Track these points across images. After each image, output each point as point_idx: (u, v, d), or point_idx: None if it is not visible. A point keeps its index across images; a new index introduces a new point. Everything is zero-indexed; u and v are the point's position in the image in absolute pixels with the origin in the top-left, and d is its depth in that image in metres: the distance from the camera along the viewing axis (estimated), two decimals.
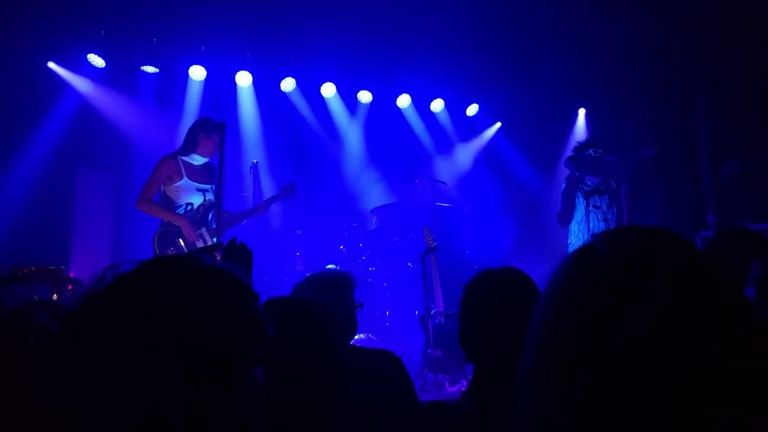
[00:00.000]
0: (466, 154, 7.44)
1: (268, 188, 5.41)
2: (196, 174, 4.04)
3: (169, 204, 3.98)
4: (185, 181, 3.96)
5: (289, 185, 4.39)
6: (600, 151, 4.68)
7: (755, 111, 5.24)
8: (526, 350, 0.62)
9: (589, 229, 4.54)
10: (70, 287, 3.75)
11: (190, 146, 4.03)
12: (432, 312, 4.44)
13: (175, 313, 0.70)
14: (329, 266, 5.28)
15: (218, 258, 3.09)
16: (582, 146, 4.75)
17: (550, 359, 0.58)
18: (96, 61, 5.69)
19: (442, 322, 4.43)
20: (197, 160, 4.07)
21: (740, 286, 0.58)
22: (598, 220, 4.59)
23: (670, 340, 0.52)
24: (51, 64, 5.62)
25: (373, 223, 6.07)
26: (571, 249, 4.65)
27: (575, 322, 0.57)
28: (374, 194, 6.59)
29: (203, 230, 3.99)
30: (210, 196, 4.09)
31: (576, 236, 4.68)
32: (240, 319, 0.75)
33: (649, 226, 0.63)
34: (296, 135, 6.67)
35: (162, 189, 3.99)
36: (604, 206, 4.62)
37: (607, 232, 0.64)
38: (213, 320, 0.71)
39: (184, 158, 4.02)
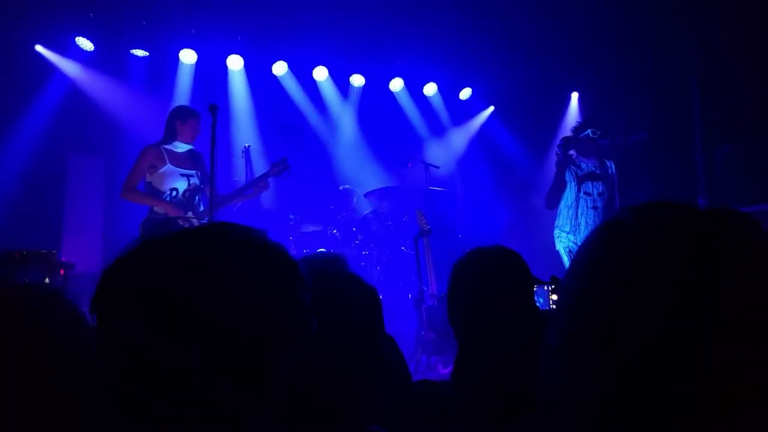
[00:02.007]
0: (459, 138, 7.44)
1: (260, 173, 5.38)
2: (180, 160, 4.05)
3: (154, 192, 3.99)
4: (168, 166, 3.97)
5: (280, 161, 4.29)
6: (599, 132, 4.68)
7: (747, 93, 5.24)
8: (557, 319, 0.63)
9: (577, 215, 4.54)
10: (62, 271, 3.73)
11: (169, 135, 4.06)
12: (425, 295, 4.46)
13: (226, 288, 0.67)
14: (320, 250, 5.28)
15: None
16: (581, 126, 4.73)
17: (584, 328, 0.59)
18: (84, 44, 5.62)
19: (435, 304, 4.45)
20: (180, 147, 4.07)
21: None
22: (587, 206, 4.58)
23: (696, 304, 0.53)
24: (38, 48, 5.55)
25: (364, 206, 6.07)
26: (556, 233, 4.71)
27: (606, 290, 0.57)
28: (367, 178, 6.58)
29: (189, 214, 3.98)
30: (195, 181, 4.07)
31: (563, 220, 4.66)
32: (290, 309, 0.72)
33: (669, 201, 0.64)
34: (288, 119, 6.63)
35: (147, 179, 4.01)
36: (596, 193, 4.60)
37: (631, 206, 0.65)
38: (265, 302, 0.69)
39: (166, 146, 4.04)
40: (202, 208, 4.08)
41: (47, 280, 3.48)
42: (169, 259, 0.68)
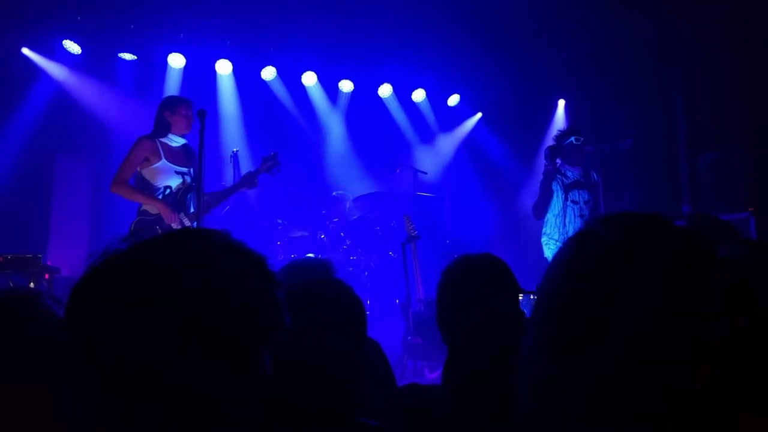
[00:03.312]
0: (447, 144, 7.48)
1: None
2: (175, 156, 3.88)
3: (146, 187, 3.80)
4: (163, 162, 3.80)
5: (270, 156, 4.14)
6: (582, 139, 4.69)
7: (730, 104, 5.33)
8: (530, 330, 0.65)
9: (564, 223, 4.57)
10: (47, 276, 3.70)
11: (162, 128, 3.87)
12: (412, 300, 4.48)
13: (198, 289, 0.67)
14: (309, 255, 5.28)
15: None
16: (564, 134, 4.73)
17: (555, 340, 0.61)
18: (72, 47, 5.60)
19: (422, 309, 4.47)
20: (175, 141, 3.91)
21: (724, 261, 0.61)
22: (575, 215, 4.61)
23: (669, 313, 0.55)
24: (25, 50, 5.52)
25: (352, 211, 6.08)
26: (544, 240, 4.75)
27: (578, 301, 0.59)
28: (355, 183, 6.60)
29: (182, 215, 3.82)
30: (188, 179, 3.92)
31: (551, 227, 4.69)
32: (262, 306, 0.72)
33: (641, 212, 0.66)
34: (277, 124, 6.64)
35: (138, 171, 3.82)
36: (582, 201, 4.63)
37: (604, 217, 0.67)
38: (236, 301, 0.69)
39: (161, 140, 3.86)
40: (192, 209, 3.89)
41: (32, 285, 3.46)
42: (142, 264, 0.68)
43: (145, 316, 0.65)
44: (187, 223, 3.80)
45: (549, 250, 4.74)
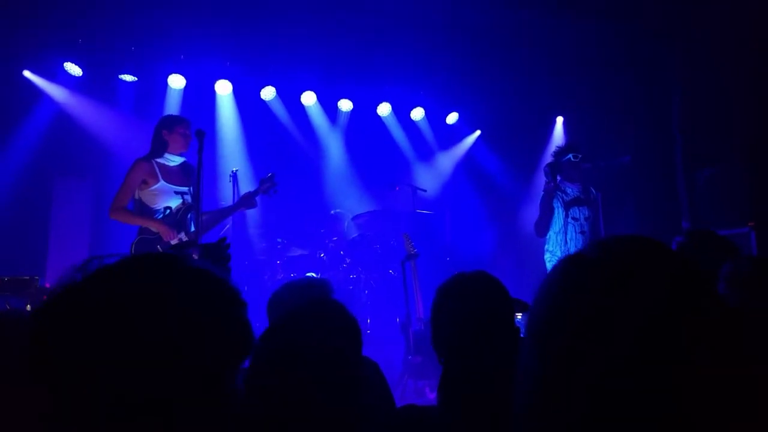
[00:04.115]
0: (446, 161, 7.50)
1: None
2: (173, 176, 3.84)
3: (145, 210, 3.76)
4: (162, 184, 3.76)
5: (268, 178, 4.15)
6: (580, 156, 4.70)
7: (728, 119, 5.35)
8: (522, 352, 0.66)
9: (566, 240, 4.56)
10: (45, 297, 3.68)
11: (159, 148, 3.83)
12: (412, 318, 4.45)
13: (159, 315, 0.66)
14: (309, 274, 5.27)
15: (194, 256, 3.04)
16: (562, 151, 4.75)
17: (545, 361, 0.61)
18: (73, 69, 5.64)
19: (422, 328, 4.44)
20: (172, 160, 3.86)
21: (714, 286, 0.62)
22: (576, 232, 4.62)
23: (657, 335, 0.55)
24: (26, 73, 5.56)
25: (351, 230, 6.08)
26: (547, 257, 4.74)
27: (567, 323, 0.60)
28: (355, 202, 6.61)
29: (182, 234, 3.78)
30: (188, 198, 3.87)
31: (553, 244, 4.69)
32: (227, 328, 0.71)
33: (633, 235, 0.67)
34: (277, 144, 6.67)
35: (137, 196, 3.78)
36: (582, 218, 4.64)
37: (594, 241, 0.68)
38: (199, 325, 0.68)
39: (158, 160, 3.82)
40: (192, 229, 3.82)
41: (29, 307, 3.43)
42: (112, 288, 0.68)
43: (110, 341, 0.64)
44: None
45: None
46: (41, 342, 0.66)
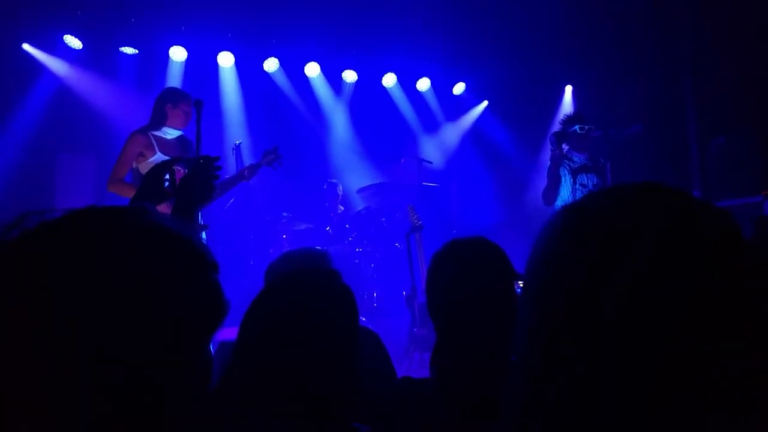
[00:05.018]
0: (452, 133, 7.40)
1: None
2: (170, 149, 3.76)
3: None
4: (159, 156, 3.67)
5: (272, 150, 4.06)
6: (586, 127, 4.60)
7: (740, 86, 5.22)
8: (520, 310, 0.61)
9: None
10: None
11: (158, 120, 3.75)
12: (417, 291, 4.43)
13: (118, 274, 0.59)
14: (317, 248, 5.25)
15: (182, 171, 2.99)
16: (569, 120, 4.66)
17: (543, 317, 0.57)
18: (73, 42, 5.57)
19: None
20: (169, 133, 3.79)
21: (738, 229, 0.56)
22: None
23: (663, 283, 0.51)
24: (26, 46, 5.50)
25: (358, 203, 6.04)
26: None
27: (566, 275, 0.56)
28: (360, 174, 6.55)
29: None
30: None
31: None
32: (191, 290, 0.65)
33: (636, 182, 0.61)
34: (280, 116, 6.60)
35: (135, 166, 3.72)
36: (591, 185, 4.58)
37: (594, 193, 0.63)
38: (166, 285, 0.62)
39: (155, 133, 3.74)
40: None
41: None
42: (56, 241, 0.61)
43: (64, 302, 0.57)
44: None
45: None
46: None
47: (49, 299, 0.57)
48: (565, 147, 4.62)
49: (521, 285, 1.64)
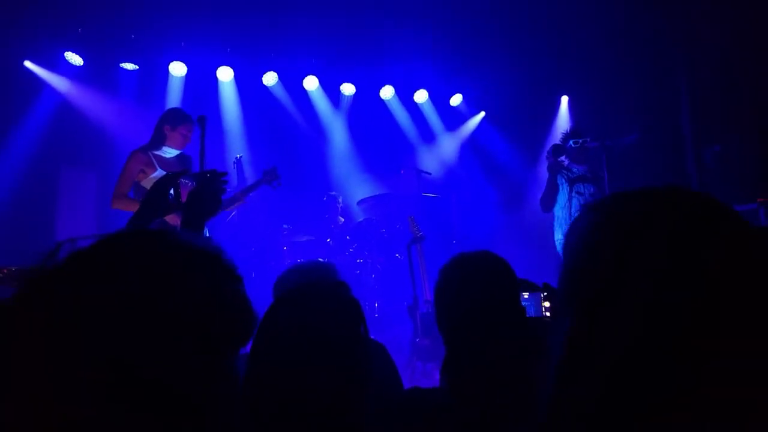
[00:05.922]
0: (450, 144, 7.45)
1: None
2: (170, 166, 3.83)
3: None
4: (159, 172, 3.76)
5: (271, 169, 4.18)
6: (580, 140, 4.71)
7: (735, 94, 5.28)
8: (559, 301, 0.66)
9: (571, 214, 4.57)
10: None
11: (157, 140, 3.84)
12: (419, 301, 4.45)
13: (148, 296, 0.61)
14: (319, 260, 5.27)
15: (189, 185, 3.00)
16: (565, 137, 4.80)
17: (575, 306, 0.61)
18: (73, 59, 5.62)
19: (430, 311, 4.44)
20: (168, 152, 3.87)
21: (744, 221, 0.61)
22: (581, 205, 4.61)
23: (677, 274, 0.55)
24: (27, 63, 5.54)
25: (359, 214, 6.07)
26: (556, 235, 4.73)
27: (595, 267, 0.60)
28: (359, 186, 6.59)
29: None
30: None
31: (560, 222, 4.70)
32: (222, 305, 0.67)
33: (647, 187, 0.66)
34: (280, 129, 6.64)
35: (138, 181, 3.79)
36: (588, 193, 4.65)
37: (619, 193, 0.68)
38: (193, 305, 0.63)
39: (154, 152, 3.83)
40: None
41: None
42: (94, 270, 0.63)
43: (96, 326, 0.59)
44: None
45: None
46: (16, 336, 0.60)
47: (91, 326, 0.59)
48: (565, 161, 4.71)
49: (525, 296, 1.67)
